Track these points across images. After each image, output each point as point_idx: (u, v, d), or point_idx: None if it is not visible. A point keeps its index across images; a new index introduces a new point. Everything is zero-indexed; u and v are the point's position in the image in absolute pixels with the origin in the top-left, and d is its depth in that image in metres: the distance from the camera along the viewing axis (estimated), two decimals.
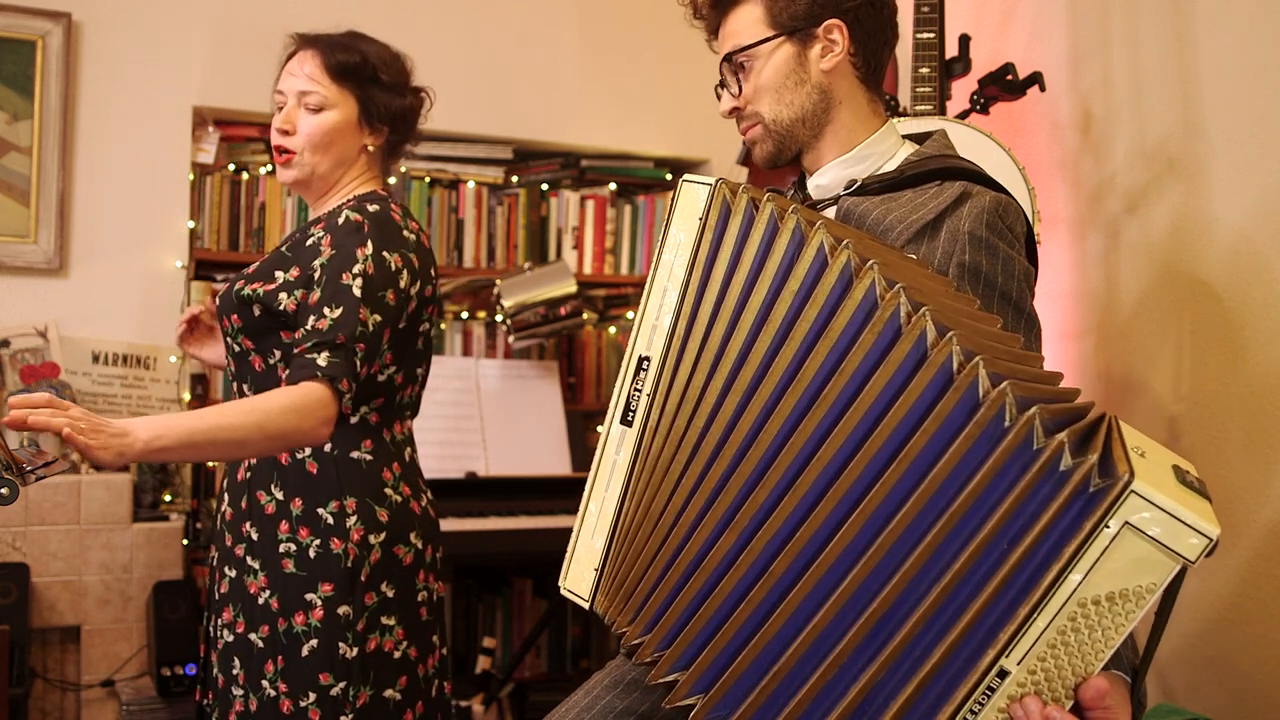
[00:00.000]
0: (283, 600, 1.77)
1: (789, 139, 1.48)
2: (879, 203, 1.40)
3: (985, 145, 2.39)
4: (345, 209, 1.85)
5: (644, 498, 1.28)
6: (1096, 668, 1.08)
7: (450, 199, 3.71)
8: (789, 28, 1.44)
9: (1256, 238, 2.38)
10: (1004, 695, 1.07)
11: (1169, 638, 2.52)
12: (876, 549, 1.10)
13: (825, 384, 1.14)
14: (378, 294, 1.78)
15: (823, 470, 1.13)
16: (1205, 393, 2.48)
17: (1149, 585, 1.05)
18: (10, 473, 1.33)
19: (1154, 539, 1.03)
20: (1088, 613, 1.06)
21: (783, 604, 1.15)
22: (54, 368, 3.18)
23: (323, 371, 1.67)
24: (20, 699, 2.83)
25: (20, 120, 3.19)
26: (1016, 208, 1.39)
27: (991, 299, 1.33)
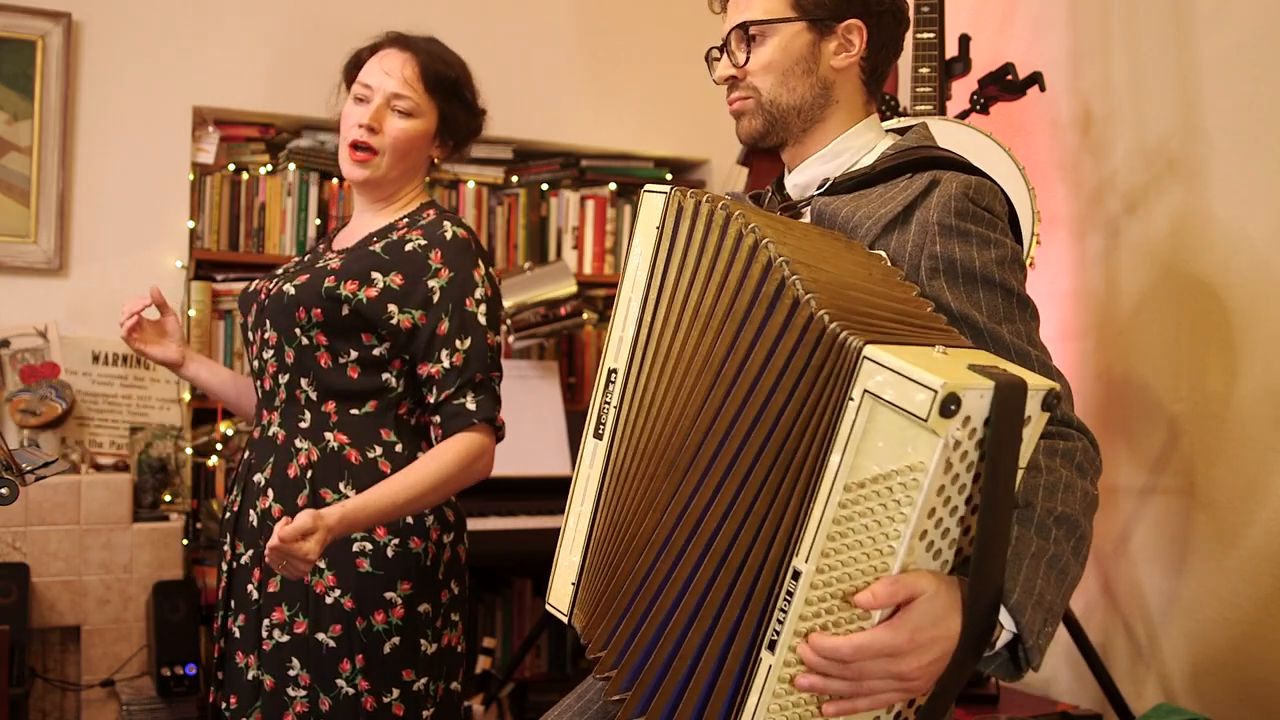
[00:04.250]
0: (359, 599, 1.78)
1: (780, 124, 1.44)
2: (849, 200, 1.37)
3: (985, 145, 2.39)
4: (444, 220, 1.88)
5: (612, 511, 1.28)
6: (891, 562, 1.04)
7: (450, 199, 3.71)
8: (812, 15, 1.41)
9: (1256, 238, 2.38)
10: (803, 599, 1.05)
11: (1170, 637, 2.52)
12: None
13: (735, 370, 1.15)
14: (496, 314, 1.88)
15: (731, 458, 1.14)
16: (1205, 393, 2.47)
17: (915, 464, 1.00)
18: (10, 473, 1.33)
19: (891, 403, 1.00)
20: (855, 498, 1.03)
21: (699, 615, 1.15)
22: (54, 368, 3.18)
23: (476, 417, 1.80)
24: (20, 699, 2.83)
25: (20, 120, 3.19)
26: (992, 188, 1.34)
27: (974, 285, 1.28)
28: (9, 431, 3.10)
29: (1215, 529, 2.44)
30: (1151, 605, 2.58)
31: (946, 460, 1.01)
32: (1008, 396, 1.03)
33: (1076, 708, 2.62)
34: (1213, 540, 2.45)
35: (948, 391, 0.97)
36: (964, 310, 1.27)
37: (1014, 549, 1.13)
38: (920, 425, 0.99)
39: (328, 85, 2.11)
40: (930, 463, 1.00)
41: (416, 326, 1.82)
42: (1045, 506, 1.17)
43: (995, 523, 1.05)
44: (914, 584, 1.04)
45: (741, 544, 1.11)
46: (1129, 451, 2.66)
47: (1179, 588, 2.52)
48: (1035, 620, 1.12)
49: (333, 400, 1.84)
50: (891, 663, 1.05)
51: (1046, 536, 1.16)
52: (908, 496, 1.02)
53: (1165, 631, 2.55)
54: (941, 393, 0.97)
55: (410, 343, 1.82)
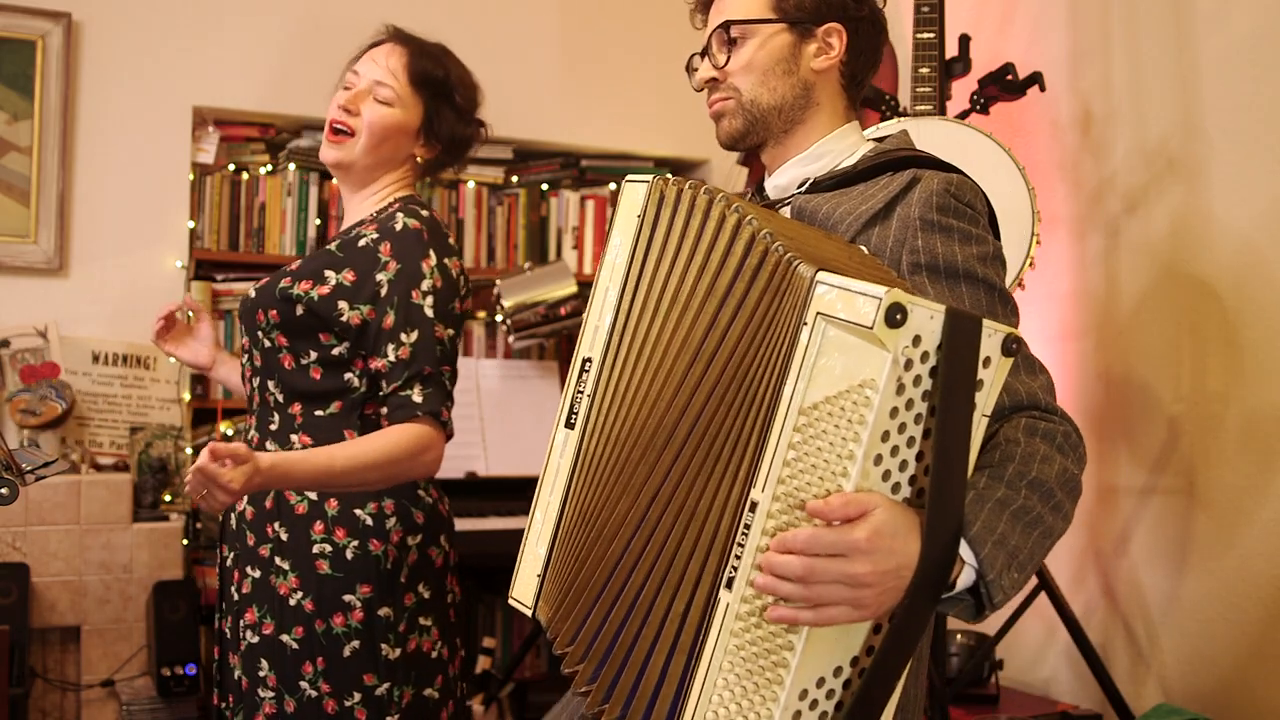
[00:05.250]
0: (319, 602, 1.77)
1: (760, 124, 1.45)
2: (830, 198, 1.38)
3: (985, 145, 2.39)
4: (398, 212, 1.85)
5: (582, 501, 1.28)
6: (844, 484, 1.03)
7: (450, 199, 3.71)
8: (793, 17, 1.43)
9: (1256, 238, 2.38)
10: (760, 530, 1.04)
11: (1170, 637, 2.52)
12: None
13: (715, 344, 1.16)
14: (448, 307, 1.82)
15: (706, 423, 1.14)
16: (1205, 392, 2.48)
17: (866, 380, 1.01)
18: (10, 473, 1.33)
19: (840, 319, 1.01)
20: (808, 421, 1.02)
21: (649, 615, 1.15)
22: (54, 368, 3.18)
23: (422, 409, 1.74)
24: (20, 699, 2.83)
25: (20, 120, 3.19)
26: (972, 185, 1.35)
27: (955, 281, 1.29)
28: (9, 431, 3.10)
29: (1215, 529, 2.44)
30: (1151, 605, 2.58)
31: (898, 379, 1.01)
32: (960, 321, 1.03)
33: (1076, 708, 2.62)
34: (1213, 540, 2.45)
35: (892, 299, 0.98)
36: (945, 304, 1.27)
37: (978, 493, 1.13)
38: (869, 337, 0.99)
39: (328, 85, 2.11)
40: (881, 379, 1.00)
41: (366, 322, 1.79)
42: (1017, 469, 1.17)
43: (950, 450, 1.04)
44: (868, 500, 1.03)
45: (705, 498, 1.11)
46: (1129, 451, 2.66)
47: (1179, 588, 2.52)
48: (995, 557, 1.10)
49: (299, 402, 1.84)
50: (847, 563, 1.03)
51: (1015, 490, 1.15)
52: (860, 415, 1.01)
53: (1165, 631, 2.55)
54: (886, 299, 0.98)
55: (362, 339, 1.80)
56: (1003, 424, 1.22)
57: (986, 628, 2.71)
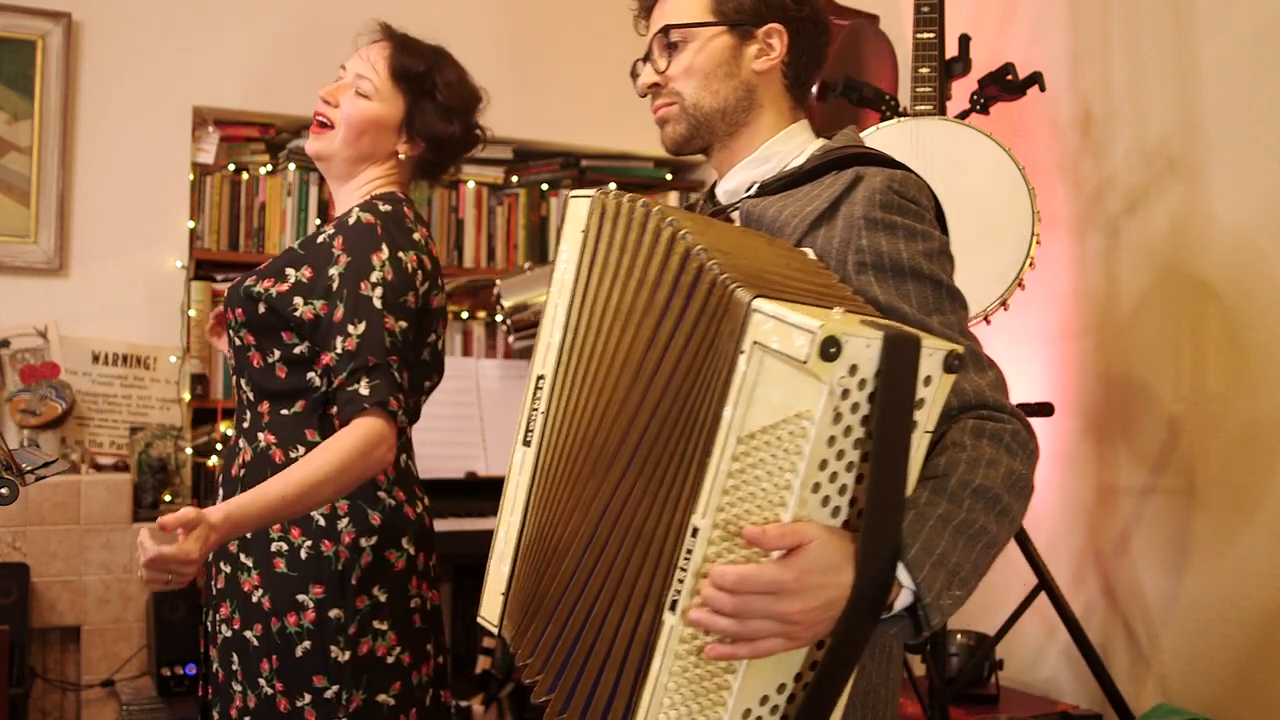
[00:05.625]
0: (275, 600, 1.77)
1: (704, 127, 1.44)
2: (776, 200, 1.37)
3: (985, 145, 2.39)
4: (356, 209, 1.84)
5: (540, 517, 1.29)
6: (782, 514, 1.04)
7: (450, 199, 3.71)
8: (732, 19, 1.43)
9: (1256, 238, 2.38)
10: (700, 556, 1.04)
11: (1170, 637, 2.52)
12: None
13: (655, 361, 1.16)
14: (399, 299, 1.78)
15: (650, 442, 1.15)
16: (1205, 392, 2.48)
17: (803, 411, 1.01)
18: (10, 473, 1.33)
19: (777, 350, 1.00)
20: (747, 450, 1.03)
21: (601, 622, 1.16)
22: (54, 368, 3.18)
23: (369, 401, 1.71)
24: (20, 699, 2.83)
25: (20, 120, 3.19)
26: (917, 180, 1.34)
27: (902, 278, 1.28)
28: (9, 431, 3.10)
29: (1215, 529, 2.44)
30: (1151, 605, 2.58)
31: (834, 410, 1.01)
32: (897, 347, 1.02)
33: (1076, 708, 2.62)
34: (1213, 540, 2.45)
35: (826, 334, 0.98)
36: (892, 303, 1.27)
37: (919, 511, 1.13)
38: (804, 371, 0.99)
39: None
40: (817, 410, 1.00)
41: (319, 316, 1.78)
42: (961, 478, 1.16)
43: (887, 476, 1.05)
44: (804, 531, 1.04)
45: (651, 517, 1.12)
46: (1129, 451, 2.66)
47: (1179, 588, 2.52)
48: (934, 579, 1.10)
49: (267, 400, 1.84)
50: (776, 601, 1.04)
51: (958, 504, 1.14)
52: (796, 446, 1.02)
53: (1165, 631, 2.55)
54: (820, 334, 0.97)
55: (316, 334, 1.79)
56: (950, 425, 1.22)
57: (987, 628, 2.71)
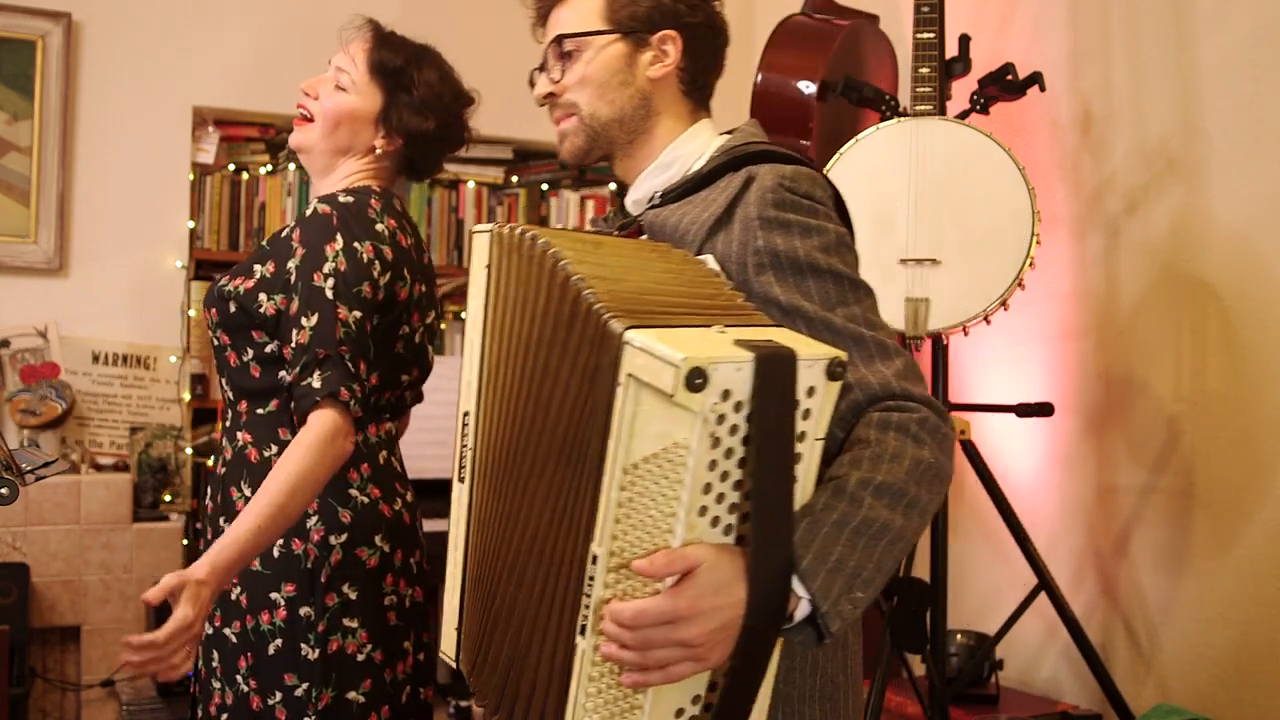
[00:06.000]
0: (251, 598, 1.78)
1: (602, 138, 1.44)
2: (677, 209, 1.37)
3: (985, 145, 2.39)
4: (316, 200, 1.85)
5: (478, 552, 1.32)
6: (671, 539, 1.06)
7: (450, 199, 3.71)
8: (626, 27, 1.42)
9: (1256, 238, 2.38)
10: (601, 582, 1.07)
11: (1170, 637, 2.53)
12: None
13: (548, 393, 1.18)
14: (353, 289, 1.76)
15: (551, 474, 1.18)
16: (1205, 393, 2.48)
17: (679, 441, 1.02)
18: (10, 473, 1.33)
19: (648, 384, 1.01)
20: (633, 480, 1.05)
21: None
22: (54, 368, 3.18)
23: (320, 394, 1.69)
24: (20, 699, 2.83)
25: (20, 120, 3.19)
26: (810, 174, 1.33)
27: (801, 275, 1.27)
28: (9, 431, 3.10)
29: (1215, 529, 2.44)
30: (1151, 605, 2.58)
31: (711, 435, 1.02)
32: (770, 368, 1.03)
33: (1076, 708, 2.62)
34: (1213, 540, 2.45)
35: (690, 366, 0.98)
36: (794, 302, 1.26)
37: (814, 518, 1.13)
38: (674, 403, 1.00)
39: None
40: (692, 439, 1.02)
41: (279, 311, 1.77)
42: (861, 477, 1.16)
43: (770, 494, 1.06)
44: (692, 555, 1.06)
45: (560, 547, 1.15)
46: (1129, 451, 2.66)
47: (1179, 588, 2.52)
48: (830, 586, 1.11)
49: (245, 399, 1.85)
50: (674, 630, 1.06)
51: (858, 504, 1.15)
52: (677, 474, 1.03)
53: (1165, 631, 2.55)
54: (683, 368, 0.98)
55: (278, 330, 1.78)
56: (857, 421, 1.22)
57: (987, 628, 2.71)
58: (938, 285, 2.35)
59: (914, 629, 2.33)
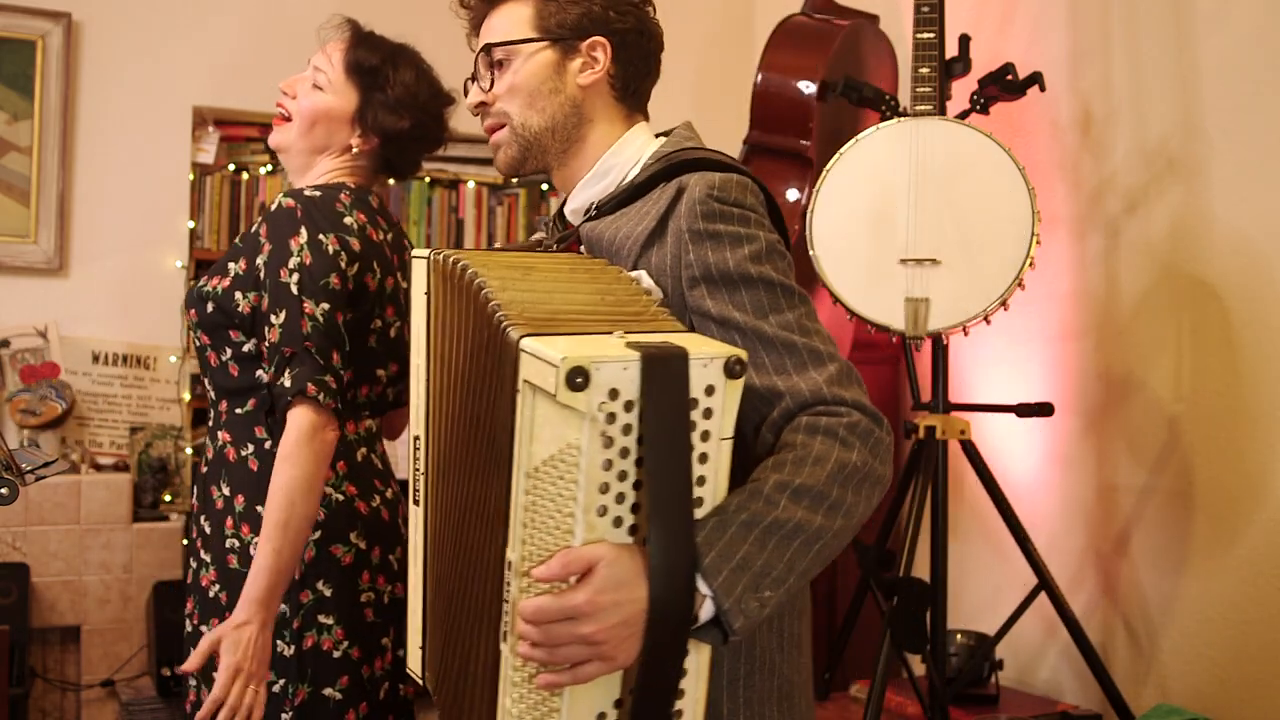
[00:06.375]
0: (230, 596, 1.79)
1: (536, 148, 1.43)
2: (612, 221, 1.37)
3: (985, 145, 2.39)
4: (281, 195, 1.85)
5: (435, 572, 1.35)
6: (571, 540, 1.08)
7: (450, 199, 3.71)
8: (554, 35, 1.42)
9: (1256, 238, 2.38)
10: (516, 587, 1.10)
11: (1170, 637, 2.53)
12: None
13: (483, 422, 1.20)
14: (319, 282, 1.77)
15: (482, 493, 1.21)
16: (1205, 393, 2.48)
17: (571, 442, 1.05)
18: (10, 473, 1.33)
19: (539, 387, 1.04)
20: (535, 484, 1.07)
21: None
22: (54, 368, 3.18)
23: (290, 393, 1.71)
24: (20, 699, 2.83)
25: (20, 120, 3.19)
26: (740, 181, 1.32)
27: (734, 287, 1.27)
28: (9, 431, 3.10)
29: (1215, 529, 2.44)
30: (1151, 605, 2.58)
31: (603, 434, 1.04)
32: (658, 366, 1.05)
33: (1076, 708, 2.62)
34: (1213, 540, 2.45)
35: (569, 366, 1.00)
36: (725, 313, 1.27)
37: (722, 518, 1.13)
38: (561, 404, 1.02)
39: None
40: (582, 439, 1.04)
41: (254, 308, 1.79)
42: (779, 479, 1.17)
43: (665, 490, 1.07)
44: (590, 554, 1.08)
45: (487, 553, 1.18)
46: (1129, 451, 2.66)
47: (1179, 588, 2.52)
48: (734, 583, 1.12)
49: (225, 399, 1.86)
50: (575, 625, 1.08)
51: (772, 504, 1.15)
52: (572, 475, 1.06)
53: (1165, 631, 2.55)
54: (562, 368, 1.00)
55: (254, 327, 1.80)
56: (787, 428, 1.22)
57: (987, 628, 2.71)
58: (938, 285, 2.35)
59: (914, 629, 2.33)
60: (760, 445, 1.23)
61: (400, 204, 3.65)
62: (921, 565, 2.45)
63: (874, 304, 2.36)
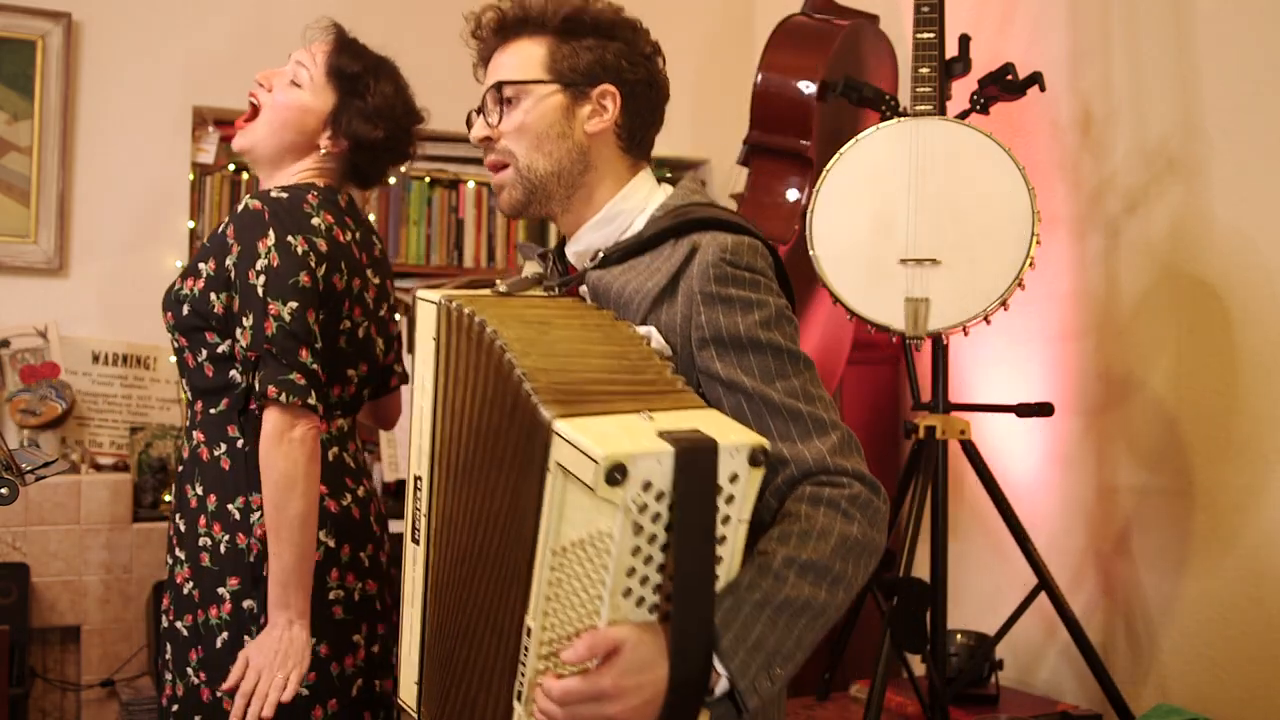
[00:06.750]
0: (202, 592, 1.82)
1: (540, 192, 1.44)
2: (620, 273, 1.38)
3: (985, 145, 2.39)
4: (249, 197, 1.85)
5: (437, 613, 1.36)
6: (597, 620, 1.11)
7: (450, 199, 3.71)
8: (566, 79, 1.42)
9: (1256, 238, 2.38)
10: (535, 654, 1.13)
11: (1170, 637, 2.53)
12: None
13: (497, 480, 1.22)
14: (288, 281, 1.77)
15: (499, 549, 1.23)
16: (1205, 393, 2.48)
17: (603, 530, 1.07)
18: (10, 473, 1.33)
19: (573, 474, 1.06)
20: (562, 562, 1.10)
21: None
22: (54, 368, 3.18)
23: (259, 397, 1.75)
24: (20, 699, 2.83)
25: (20, 120, 3.19)
26: (751, 244, 1.35)
27: (742, 351, 1.30)
28: (9, 431, 3.10)
29: (1215, 529, 2.44)
30: (1151, 605, 2.59)
31: (634, 524, 1.07)
32: (690, 460, 1.08)
33: (1076, 708, 2.62)
34: (1213, 540, 2.45)
35: (610, 463, 1.03)
36: (733, 377, 1.29)
37: (737, 597, 1.17)
38: (596, 496, 1.05)
39: None
40: (615, 529, 1.06)
41: (227, 309, 1.81)
42: (787, 554, 1.20)
43: (690, 576, 1.11)
44: (616, 636, 1.11)
45: (503, 614, 1.20)
46: (1129, 451, 2.66)
47: (1179, 588, 2.52)
48: (748, 665, 1.16)
49: (200, 399, 1.88)
50: (599, 706, 1.11)
51: (782, 581, 1.19)
52: (603, 560, 1.08)
53: (1165, 631, 2.55)
54: (604, 464, 1.03)
55: (228, 328, 1.81)
56: (789, 496, 1.26)
57: (987, 628, 2.71)
58: (938, 285, 2.35)
59: (914, 629, 2.33)
60: (763, 509, 1.26)
61: (400, 204, 3.65)
62: (921, 565, 2.45)
63: (874, 304, 2.36)
